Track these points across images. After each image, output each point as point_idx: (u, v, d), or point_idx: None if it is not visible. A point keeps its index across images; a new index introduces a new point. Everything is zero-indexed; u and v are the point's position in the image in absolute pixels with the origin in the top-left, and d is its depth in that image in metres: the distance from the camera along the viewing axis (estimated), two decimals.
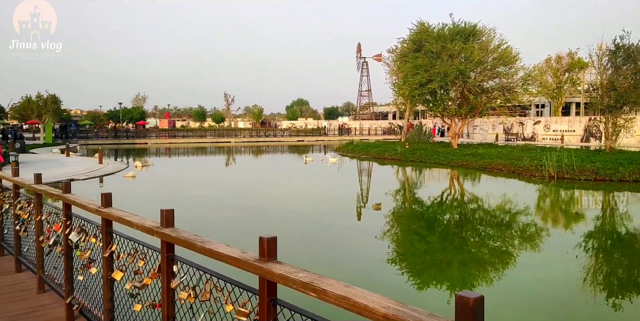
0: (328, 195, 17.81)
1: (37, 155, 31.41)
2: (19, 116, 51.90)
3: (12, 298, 4.89)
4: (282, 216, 13.50)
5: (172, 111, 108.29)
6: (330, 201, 16.30)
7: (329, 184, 21.67)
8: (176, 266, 2.96)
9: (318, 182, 22.27)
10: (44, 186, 5.19)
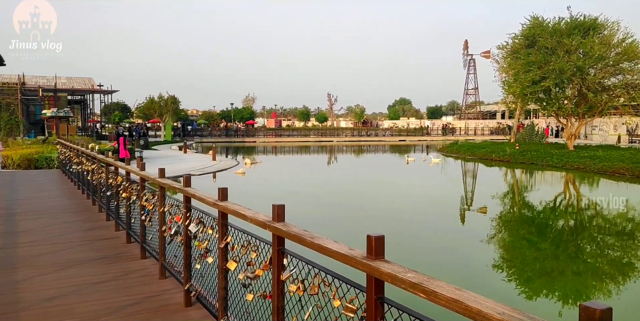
0: (430, 196, 17.44)
1: (158, 151, 34.14)
2: (143, 115, 56.76)
3: (138, 281, 5.38)
4: (384, 215, 13.46)
5: (278, 111, 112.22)
6: (433, 202, 15.95)
7: (431, 185, 21.21)
8: (286, 259, 3.09)
9: (420, 182, 21.89)
10: (167, 180, 5.64)
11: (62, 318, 4.27)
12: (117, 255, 6.49)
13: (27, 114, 37.85)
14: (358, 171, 27.56)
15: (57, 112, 32.86)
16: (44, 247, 6.79)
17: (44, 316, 4.29)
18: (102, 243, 7.12)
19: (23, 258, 6.19)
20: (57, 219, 8.92)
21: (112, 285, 5.23)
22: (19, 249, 6.64)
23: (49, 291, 4.98)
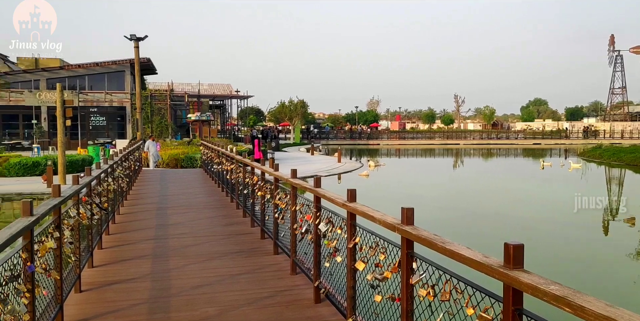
0: (568, 204, 16.10)
1: (288, 153, 35.76)
2: (275, 119, 59.87)
3: (272, 276, 5.72)
4: (515, 222, 12.73)
5: (402, 114, 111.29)
6: (571, 211, 14.72)
7: (569, 192, 19.57)
8: (415, 263, 3.09)
9: (557, 189, 20.30)
10: (299, 180, 5.92)
11: (207, 305, 4.69)
12: (253, 250, 6.94)
13: (174, 118, 41.88)
14: (486, 176, 26.34)
15: (200, 116, 35.93)
16: (191, 239, 7.50)
17: (192, 303, 4.75)
18: (239, 238, 7.66)
19: (174, 249, 6.90)
20: (201, 214, 9.79)
21: (249, 278, 5.61)
22: (171, 241, 7.41)
23: (196, 279, 5.50)
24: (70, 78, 37.63)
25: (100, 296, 5.02)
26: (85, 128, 37.33)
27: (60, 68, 38.66)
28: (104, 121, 38.87)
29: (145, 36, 28.38)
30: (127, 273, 5.80)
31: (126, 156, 12.02)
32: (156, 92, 40.84)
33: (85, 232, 5.67)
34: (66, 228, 4.53)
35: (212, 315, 4.45)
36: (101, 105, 38.62)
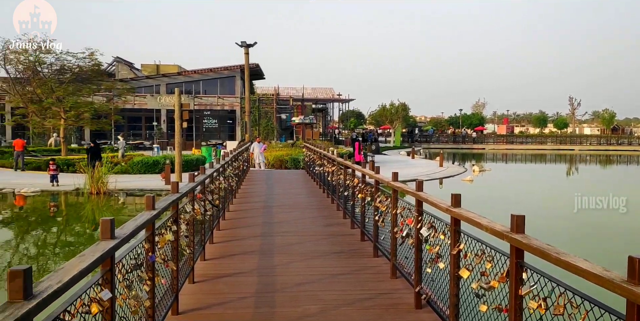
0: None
1: (388, 156, 35.54)
2: (375, 122, 59.84)
3: (371, 278, 5.73)
4: (637, 237, 11.59)
5: (510, 117, 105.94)
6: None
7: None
8: (525, 273, 2.95)
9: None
10: (400, 184, 5.88)
11: (309, 303, 4.82)
12: (353, 251, 7.00)
13: (279, 121, 43.43)
14: (602, 184, 24.24)
15: (303, 119, 36.93)
16: (295, 238, 7.74)
17: (295, 299, 4.90)
18: (339, 239, 7.77)
19: (279, 246, 7.17)
20: (304, 213, 10.06)
21: (349, 279, 5.67)
22: (276, 238, 7.71)
23: (299, 277, 5.67)
24: (186, 83, 40.47)
25: (212, 287, 5.35)
26: (199, 130, 39.91)
27: (178, 74, 41.75)
28: (215, 123, 41.32)
29: (255, 43, 29.75)
30: (236, 267, 6.13)
31: (236, 157, 12.67)
32: (263, 96, 42.64)
33: (198, 227, 6.07)
34: (182, 222, 4.89)
35: (314, 312, 4.56)
36: (213, 108, 41.10)
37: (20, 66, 25.38)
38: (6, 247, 10.72)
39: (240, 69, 39.83)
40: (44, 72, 25.83)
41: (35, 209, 15.37)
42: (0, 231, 12.68)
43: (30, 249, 10.81)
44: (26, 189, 16.84)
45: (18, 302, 1.75)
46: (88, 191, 16.45)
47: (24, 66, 25.36)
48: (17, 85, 25.96)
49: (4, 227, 13.16)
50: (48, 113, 25.94)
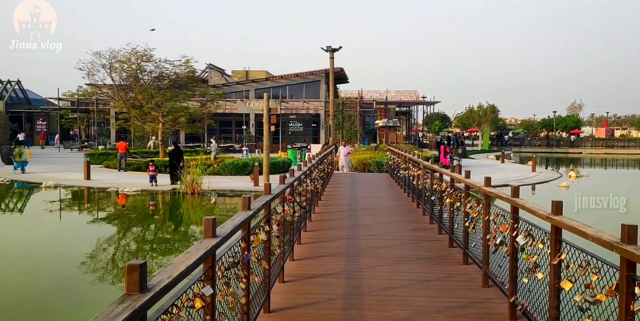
0: None
1: (475, 160, 34.36)
2: (461, 125, 58.09)
3: (461, 286, 5.56)
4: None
5: (610, 119, 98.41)
6: None
7: None
8: (638, 287, 2.73)
9: None
10: (493, 189, 5.66)
11: (398, 308, 4.77)
12: (440, 257, 6.84)
13: (362, 124, 43.45)
14: None
15: (387, 122, 36.65)
16: (381, 241, 7.70)
17: (383, 304, 4.87)
18: (426, 244, 7.62)
19: (365, 249, 7.17)
20: (389, 217, 9.99)
21: (437, 285, 5.55)
22: (361, 241, 7.72)
23: (386, 281, 5.63)
24: (274, 88, 41.66)
25: (301, 287, 5.46)
26: (285, 133, 40.89)
27: (266, 79, 43.07)
28: (300, 127, 42.14)
29: (340, 47, 30.02)
30: (323, 268, 6.20)
31: (321, 160, 12.84)
32: (347, 100, 42.88)
33: (287, 228, 6.22)
34: (274, 223, 5.03)
35: (403, 317, 4.51)
36: (299, 112, 41.95)
37: (124, 74, 27.43)
38: (109, 242, 11.59)
39: (325, 74, 40.35)
40: (144, 79, 27.72)
41: (136, 207, 16.50)
42: (105, 227, 13.74)
43: (131, 245, 11.61)
44: (128, 188, 18.14)
45: (134, 294, 1.89)
46: (183, 191, 17.41)
47: (127, 74, 27.37)
48: (121, 91, 28.07)
49: (108, 223, 14.24)
50: (148, 117, 27.79)
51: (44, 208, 16.24)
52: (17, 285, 8.21)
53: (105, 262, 9.72)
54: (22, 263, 9.53)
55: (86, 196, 18.71)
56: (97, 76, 27.73)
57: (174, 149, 19.92)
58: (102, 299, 7.57)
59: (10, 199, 19.05)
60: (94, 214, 15.77)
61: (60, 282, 8.32)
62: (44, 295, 7.65)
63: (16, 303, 7.35)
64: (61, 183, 20.18)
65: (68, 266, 9.17)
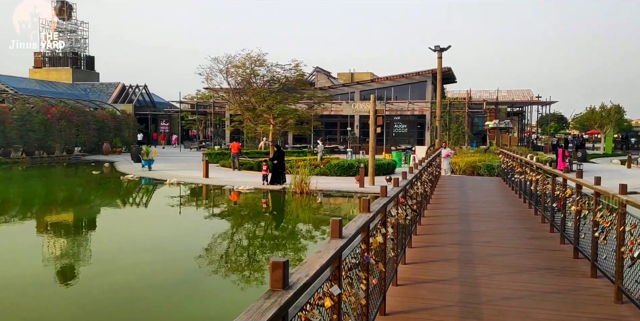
0: None
1: (597, 165, 31.71)
2: (580, 126, 53.83)
3: (589, 300, 5.17)
4: None
5: None
6: None
7: None
8: None
9: None
10: (631, 197, 5.19)
11: (519, 320, 4.55)
12: (563, 269, 6.41)
13: (471, 126, 41.93)
14: None
15: (498, 123, 35.03)
16: (496, 249, 7.38)
17: (503, 314, 4.67)
18: (546, 254, 7.18)
19: (479, 256, 6.92)
20: (503, 224, 9.54)
21: (561, 298, 5.20)
22: (475, 248, 7.45)
23: (505, 291, 5.39)
24: (378, 90, 41.64)
25: (414, 291, 5.40)
26: (389, 135, 40.67)
27: (372, 81, 43.16)
28: (405, 128, 41.68)
29: (449, 46, 29.23)
30: (436, 273, 6.09)
31: (430, 162, 12.60)
32: (455, 100, 41.65)
33: (400, 231, 6.19)
34: (389, 225, 5.03)
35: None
36: (404, 114, 41.51)
37: (238, 78, 28.95)
38: (224, 236, 12.29)
39: (431, 74, 39.54)
40: (257, 83, 29.05)
41: (248, 204, 17.35)
42: (221, 222, 14.60)
43: (243, 240, 12.23)
44: (242, 186, 19.13)
45: (278, 291, 2.00)
46: (293, 190, 17.99)
47: (242, 78, 28.85)
48: (236, 95, 29.66)
49: (224, 218, 15.12)
50: (260, 119, 29.08)
51: (168, 203, 17.65)
52: (143, 275, 8.99)
53: (220, 255, 10.33)
54: (147, 255, 10.41)
55: (205, 193, 20.00)
56: (214, 80, 29.57)
57: (277, 151, 20.63)
58: (218, 290, 8.07)
59: (138, 194, 20.93)
60: (212, 209, 16.82)
61: (181, 274, 8.98)
62: (167, 286, 8.31)
63: (144, 292, 8.05)
64: (183, 180, 21.78)
65: (187, 258, 9.86)
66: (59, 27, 62.52)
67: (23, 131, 32.55)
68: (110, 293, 7.70)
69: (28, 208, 17.22)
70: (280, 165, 19.85)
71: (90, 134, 38.34)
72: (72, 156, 36.15)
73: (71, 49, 62.42)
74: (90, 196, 20.57)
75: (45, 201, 18.71)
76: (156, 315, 6.92)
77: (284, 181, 19.45)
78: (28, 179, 25.46)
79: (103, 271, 9.06)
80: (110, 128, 40.59)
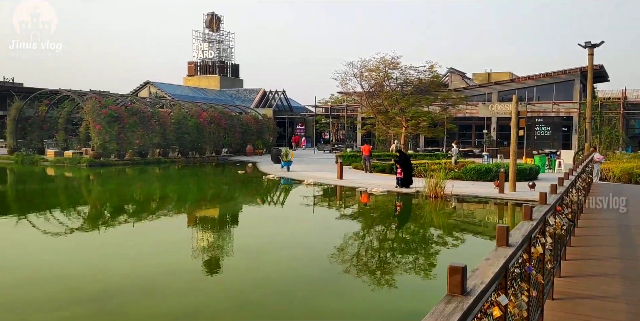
0: None
1: None
2: None
3: None
4: None
5: None
6: None
7: None
8: None
9: None
10: None
11: None
12: None
13: (626, 128, 37.76)
14: None
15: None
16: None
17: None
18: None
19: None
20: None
21: None
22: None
23: None
24: (519, 90, 39.29)
25: (572, 307, 5.03)
26: (530, 138, 38.20)
27: (511, 81, 40.91)
28: (548, 131, 38.84)
29: (602, 42, 26.65)
30: (597, 289, 5.61)
31: (583, 169, 11.62)
32: (607, 100, 37.84)
33: (555, 241, 5.81)
34: (547, 235, 4.76)
35: None
36: (547, 115, 38.70)
37: (372, 81, 29.28)
38: (357, 237, 12.47)
39: (580, 72, 36.37)
40: (390, 86, 29.12)
41: (380, 206, 17.45)
42: (354, 223, 14.85)
43: (374, 241, 12.29)
44: (375, 189, 19.29)
45: (457, 296, 2.01)
46: (426, 194, 17.73)
47: (375, 81, 29.14)
48: (369, 98, 30.03)
49: (355, 219, 15.37)
50: (392, 122, 29.12)
51: (305, 202, 18.44)
52: (288, 270, 9.48)
53: (353, 255, 10.52)
54: (290, 251, 10.95)
55: (339, 194, 20.54)
56: (348, 85, 30.25)
57: (402, 155, 20.36)
58: (356, 289, 8.23)
59: (278, 193, 22.14)
60: (346, 210, 17.22)
61: (322, 271, 9.31)
62: (311, 282, 8.67)
63: (291, 286, 8.49)
64: (319, 181, 22.59)
65: (325, 256, 10.17)
66: (208, 38, 68.70)
67: (179, 133, 36.19)
68: (259, 287, 8.25)
69: (182, 203, 19.11)
70: (408, 169, 19.67)
71: (236, 136, 41.46)
72: (219, 156, 39.42)
73: (219, 58, 68.09)
74: (236, 194, 22.22)
75: (198, 197, 20.61)
76: (304, 309, 7.28)
77: (411, 185, 19.27)
78: (183, 177, 28.25)
79: (252, 265, 9.73)
80: (252, 131, 43.49)
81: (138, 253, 10.61)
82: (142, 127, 33.04)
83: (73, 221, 14.57)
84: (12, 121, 35.53)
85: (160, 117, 35.52)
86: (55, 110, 36.21)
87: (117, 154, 32.12)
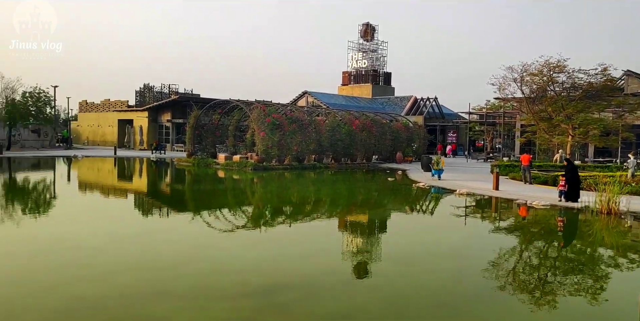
0: None
1: None
2: None
3: None
4: None
5: None
6: None
7: None
8: None
9: None
10: None
11: None
12: None
13: None
14: None
15: None
16: None
17: None
18: None
19: None
20: None
21: None
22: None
23: None
24: None
25: None
26: None
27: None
28: None
29: None
30: None
31: None
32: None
33: None
34: None
35: None
36: None
37: (534, 86, 27.44)
38: (512, 252, 11.75)
39: None
40: (555, 90, 27.00)
41: (540, 221, 16.26)
42: (509, 237, 14.04)
43: (532, 258, 11.46)
44: (537, 202, 18.05)
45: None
46: (597, 209, 16.11)
47: (537, 86, 27.25)
48: (530, 104, 28.16)
49: (511, 233, 14.52)
50: (557, 130, 26.95)
51: (457, 212, 17.96)
52: (444, 280, 9.35)
53: (508, 272, 9.98)
54: (442, 261, 10.77)
55: (494, 205, 19.63)
56: (507, 90, 28.74)
57: (568, 165, 18.66)
58: (515, 308, 7.83)
59: (428, 202, 21.88)
60: (502, 223, 16.40)
61: (478, 286, 9.03)
62: (470, 296, 8.47)
63: (448, 298, 8.39)
64: (472, 191, 21.83)
65: (479, 271, 9.81)
66: (362, 48, 70.51)
67: (333, 140, 37.73)
68: (415, 296, 8.30)
69: (335, 207, 19.89)
70: (575, 181, 18.02)
71: (386, 143, 41.92)
72: (370, 163, 40.19)
73: (372, 66, 69.47)
74: (385, 200, 22.47)
75: (349, 202, 21.28)
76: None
77: (578, 198, 17.60)
78: (336, 182, 29.37)
79: (406, 272, 9.81)
80: (403, 138, 43.54)
81: (298, 252, 11.34)
82: (300, 134, 35.14)
83: (238, 219, 16.07)
84: (191, 128, 40.20)
85: (317, 124, 37.39)
86: (227, 118, 40.24)
87: (277, 159, 34.60)
